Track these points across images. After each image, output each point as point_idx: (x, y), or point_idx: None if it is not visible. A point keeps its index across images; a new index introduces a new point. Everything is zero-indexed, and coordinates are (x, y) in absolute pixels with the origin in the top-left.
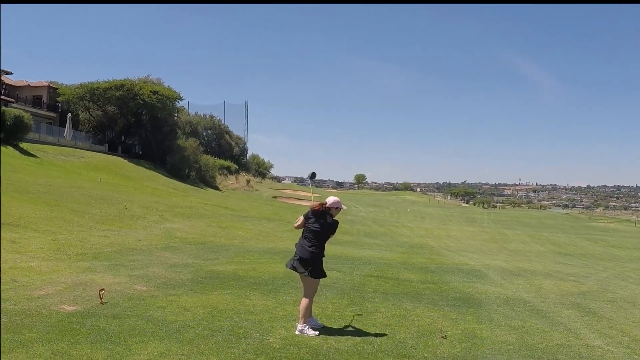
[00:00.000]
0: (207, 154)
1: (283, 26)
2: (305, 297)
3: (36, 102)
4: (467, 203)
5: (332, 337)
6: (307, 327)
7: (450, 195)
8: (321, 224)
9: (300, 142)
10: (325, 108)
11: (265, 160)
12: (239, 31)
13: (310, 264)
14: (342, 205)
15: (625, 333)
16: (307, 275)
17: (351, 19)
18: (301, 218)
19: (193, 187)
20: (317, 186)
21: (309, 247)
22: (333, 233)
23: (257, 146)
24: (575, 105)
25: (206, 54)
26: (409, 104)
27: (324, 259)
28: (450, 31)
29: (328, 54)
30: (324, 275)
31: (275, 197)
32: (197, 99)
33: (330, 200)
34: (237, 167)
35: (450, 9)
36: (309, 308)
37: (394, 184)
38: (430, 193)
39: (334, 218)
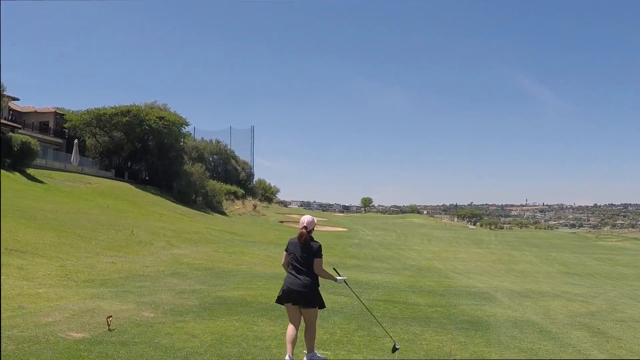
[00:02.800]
0: (214, 179)
1: (287, 50)
2: (308, 327)
3: (43, 128)
4: (474, 224)
5: None
6: (315, 354)
7: (457, 217)
8: (305, 250)
9: (306, 166)
10: (330, 132)
11: (272, 184)
12: (244, 56)
13: (305, 295)
14: (315, 220)
15: (635, 353)
16: (303, 307)
17: (355, 41)
18: (284, 254)
19: (200, 212)
20: (323, 210)
21: (300, 277)
22: (319, 256)
23: (263, 171)
24: (580, 124)
25: (212, 80)
26: (414, 125)
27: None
28: (454, 51)
29: (332, 77)
30: (322, 305)
31: (282, 222)
32: (203, 124)
33: (307, 220)
34: (243, 192)
35: (454, 28)
36: (313, 336)
37: (400, 206)
38: (437, 215)
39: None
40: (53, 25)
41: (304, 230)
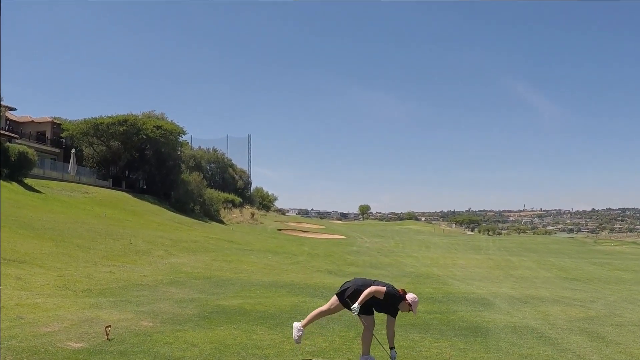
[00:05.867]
0: (211, 188)
1: (284, 60)
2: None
3: (40, 137)
4: (472, 231)
5: None
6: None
7: (455, 224)
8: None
9: (303, 174)
10: (327, 140)
11: (269, 193)
12: (241, 66)
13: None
14: (415, 310)
15: (634, 357)
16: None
17: (353, 51)
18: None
19: (198, 221)
20: (321, 217)
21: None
22: (384, 287)
23: (260, 179)
24: (577, 130)
25: (209, 89)
26: (412, 132)
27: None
28: (451, 61)
29: (329, 87)
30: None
31: (280, 230)
32: (200, 133)
33: (411, 297)
34: (241, 201)
35: (450, 38)
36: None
37: (398, 213)
38: (434, 222)
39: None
40: (50, 34)
41: (402, 291)
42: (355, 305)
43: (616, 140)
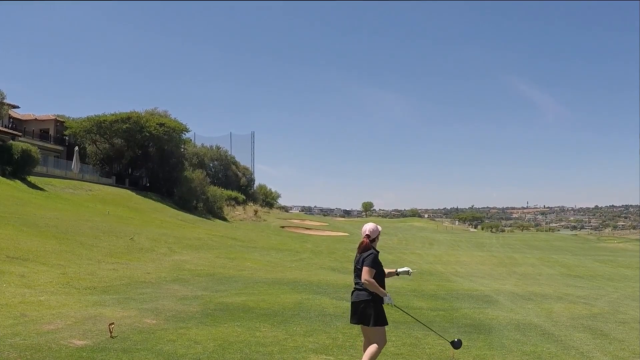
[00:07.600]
0: (214, 185)
1: (287, 58)
2: (373, 345)
3: (43, 135)
4: (475, 228)
5: None
6: None
7: (458, 221)
8: (357, 260)
9: (306, 171)
10: (330, 137)
11: (273, 190)
12: (243, 63)
13: (358, 308)
14: (379, 227)
15: (638, 354)
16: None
17: (356, 49)
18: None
19: (201, 218)
20: (324, 214)
21: (355, 291)
22: (368, 266)
23: (263, 176)
24: (580, 127)
25: (212, 86)
26: (415, 130)
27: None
28: (453, 58)
29: (332, 84)
30: (381, 322)
31: (283, 227)
32: (203, 130)
33: (369, 228)
34: (244, 198)
35: (453, 35)
36: (372, 355)
37: (401, 210)
38: (438, 219)
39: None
40: (53, 32)
41: (365, 239)
42: (387, 297)
43: (619, 137)
